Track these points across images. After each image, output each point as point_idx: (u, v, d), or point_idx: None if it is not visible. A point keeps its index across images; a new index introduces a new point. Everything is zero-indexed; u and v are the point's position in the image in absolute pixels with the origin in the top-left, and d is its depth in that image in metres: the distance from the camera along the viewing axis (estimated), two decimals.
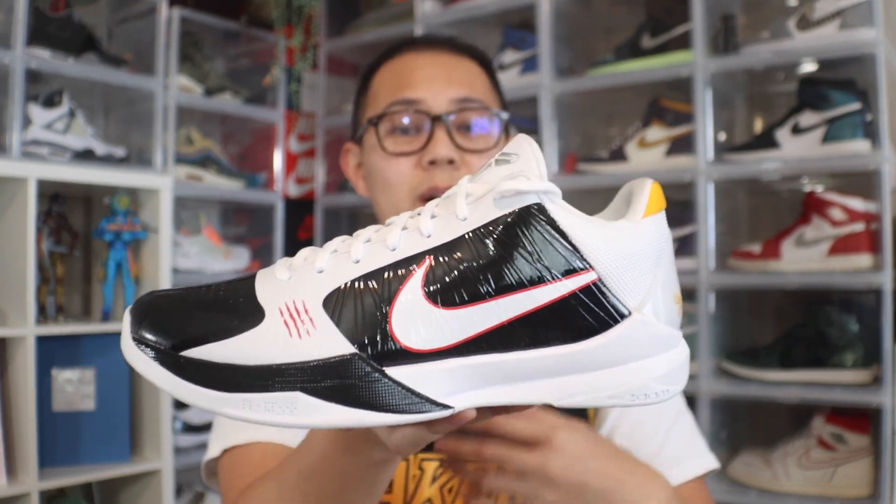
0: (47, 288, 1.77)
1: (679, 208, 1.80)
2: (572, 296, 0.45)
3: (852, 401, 1.52)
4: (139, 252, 1.89)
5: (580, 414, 0.86)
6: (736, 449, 1.74)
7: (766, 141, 1.65)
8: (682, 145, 1.77)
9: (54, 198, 1.82)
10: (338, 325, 0.45)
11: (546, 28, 1.90)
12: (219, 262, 2.18)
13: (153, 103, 1.98)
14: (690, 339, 1.08)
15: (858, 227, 1.57)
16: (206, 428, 2.06)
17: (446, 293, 0.45)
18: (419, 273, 0.45)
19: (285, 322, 0.45)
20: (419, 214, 0.48)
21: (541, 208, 0.45)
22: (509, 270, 0.45)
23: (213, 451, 0.86)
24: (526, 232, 0.45)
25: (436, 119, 0.85)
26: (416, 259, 0.46)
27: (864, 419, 1.57)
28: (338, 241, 0.50)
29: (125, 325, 0.47)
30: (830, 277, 1.56)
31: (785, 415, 1.76)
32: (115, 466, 1.75)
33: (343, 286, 0.46)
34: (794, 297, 1.72)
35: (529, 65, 1.97)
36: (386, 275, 0.46)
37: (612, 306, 0.45)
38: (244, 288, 0.48)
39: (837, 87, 1.59)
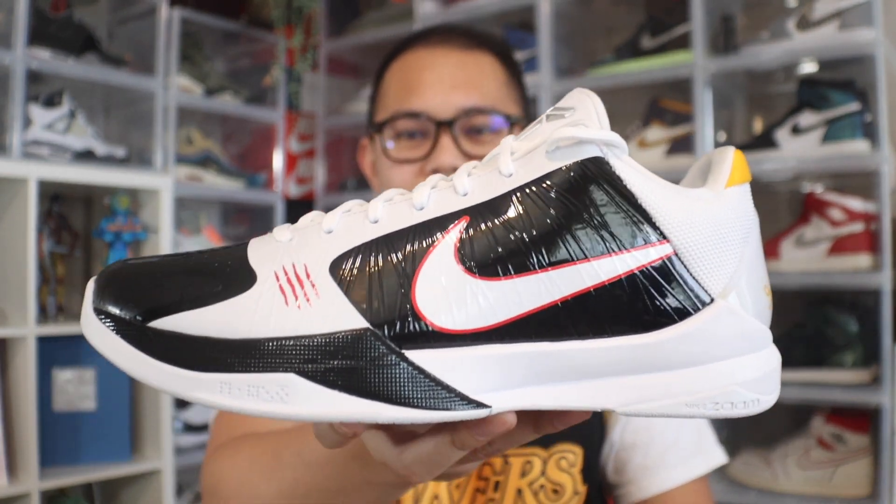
0: (48, 288, 1.77)
1: None
2: (642, 272, 0.36)
3: (852, 401, 1.52)
4: (139, 252, 1.89)
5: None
6: (736, 449, 1.74)
7: (765, 141, 1.65)
8: (682, 145, 1.77)
9: (55, 198, 1.82)
10: (347, 294, 0.36)
11: (546, 28, 1.90)
12: None
13: (153, 103, 1.98)
14: None
15: (858, 227, 1.57)
16: (206, 428, 2.06)
17: (485, 261, 0.36)
18: (452, 235, 0.37)
19: (281, 288, 0.37)
20: (452, 178, 0.40)
21: (604, 162, 0.37)
22: (564, 236, 0.36)
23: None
24: (586, 190, 0.36)
25: (441, 125, 0.83)
26: (450, 219, 0.37)
27: (864, 419, 1.57)
28: (353, 203, 0.41)
29: (87, 296, 0.38)
30: (830, 277, 1.56)
31: (785, 415, 1.76)
32: (116, 466, 1.75)
33: (356, 249, 0.38)
34: (793, 297, 1.72)
35: (529, 65, 1.97)
36: (411, 237, 0.37)
37: (691, 289, 0.36)
38: (235, 252, 0.39)
39: (837, 87, 1.59)
